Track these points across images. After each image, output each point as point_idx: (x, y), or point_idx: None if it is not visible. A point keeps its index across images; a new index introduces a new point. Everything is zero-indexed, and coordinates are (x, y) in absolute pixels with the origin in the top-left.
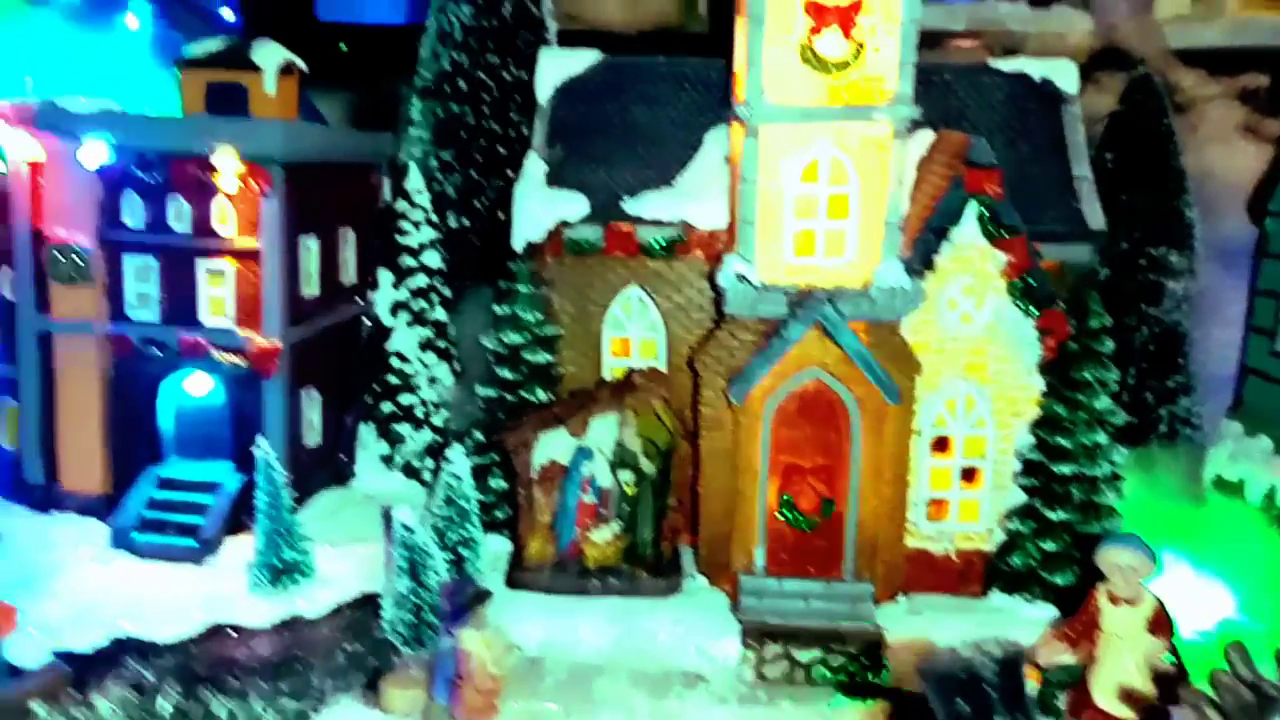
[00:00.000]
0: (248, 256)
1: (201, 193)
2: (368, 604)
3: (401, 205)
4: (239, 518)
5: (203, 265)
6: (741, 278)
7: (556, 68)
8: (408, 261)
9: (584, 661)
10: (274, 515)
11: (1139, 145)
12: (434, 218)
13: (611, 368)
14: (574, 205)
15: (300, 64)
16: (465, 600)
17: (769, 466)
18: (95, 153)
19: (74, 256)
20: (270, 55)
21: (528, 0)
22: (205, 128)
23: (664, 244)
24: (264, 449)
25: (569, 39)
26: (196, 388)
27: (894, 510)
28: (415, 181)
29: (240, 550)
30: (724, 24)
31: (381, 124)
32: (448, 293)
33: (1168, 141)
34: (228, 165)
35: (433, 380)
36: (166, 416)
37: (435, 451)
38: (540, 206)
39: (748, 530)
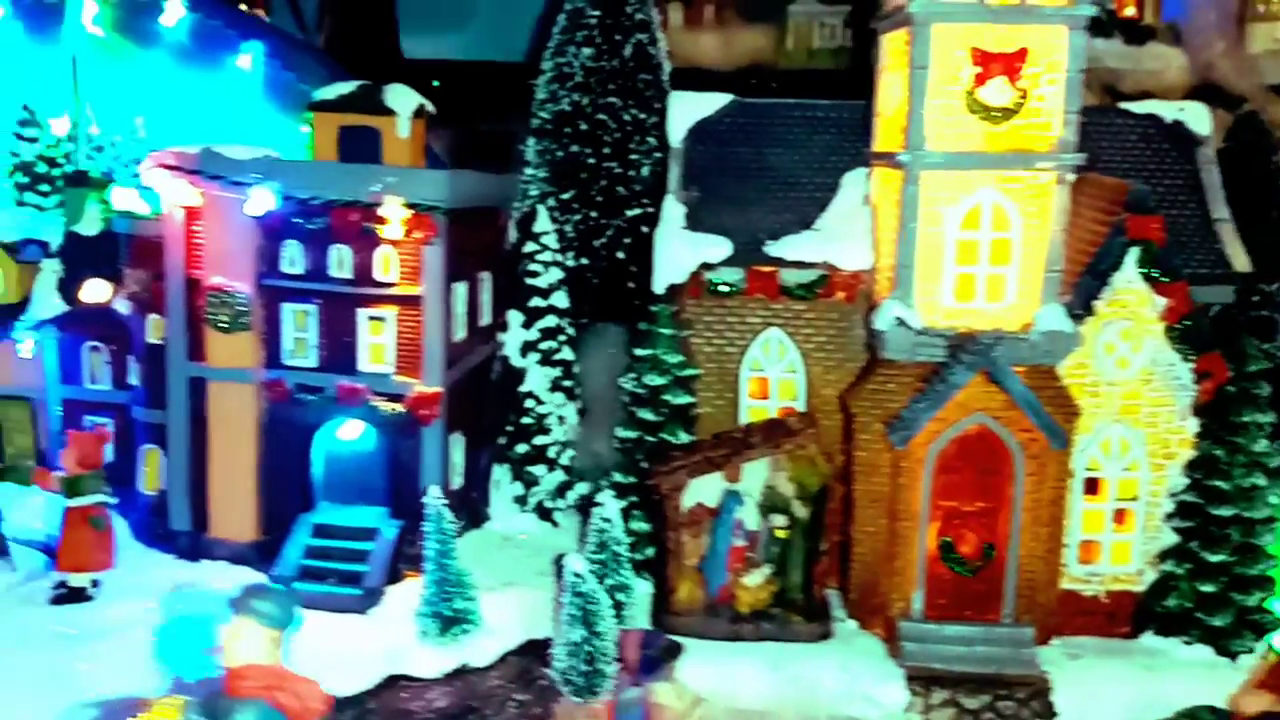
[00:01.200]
0: (408, 303)
1: (363, 240)
2: (531, 651)
3: (530, 246)
4: (396, 566)
5: (363, 312)
6: (901, 321)
7: (688, 110)
8: (537, 302)
9: (748, 708)
10: (444, 564)
11: (1249, 182)
12: (560, 258)
13: (749, 409)
14: (715, 247)
15: (430, 107)
16: (657, 653)
17: (929, 511)
18: (262, 199)
19: (234, 303)
20: (404, 99)
21: (645, 42)
22: (370, 175)
23: (807, 286)
24: (435, 497)
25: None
26: (347, 434)
27: (1050, 553)
28: (543, 223)
29: (400, 599)
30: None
31: (480, 163)
32: (572, 333)
33: (1277, 177)
34: (395, 213)
35: (561, 420)
36: (317, 463)
37: (564, 492)
38: (682, 249)
39: (906, 574)
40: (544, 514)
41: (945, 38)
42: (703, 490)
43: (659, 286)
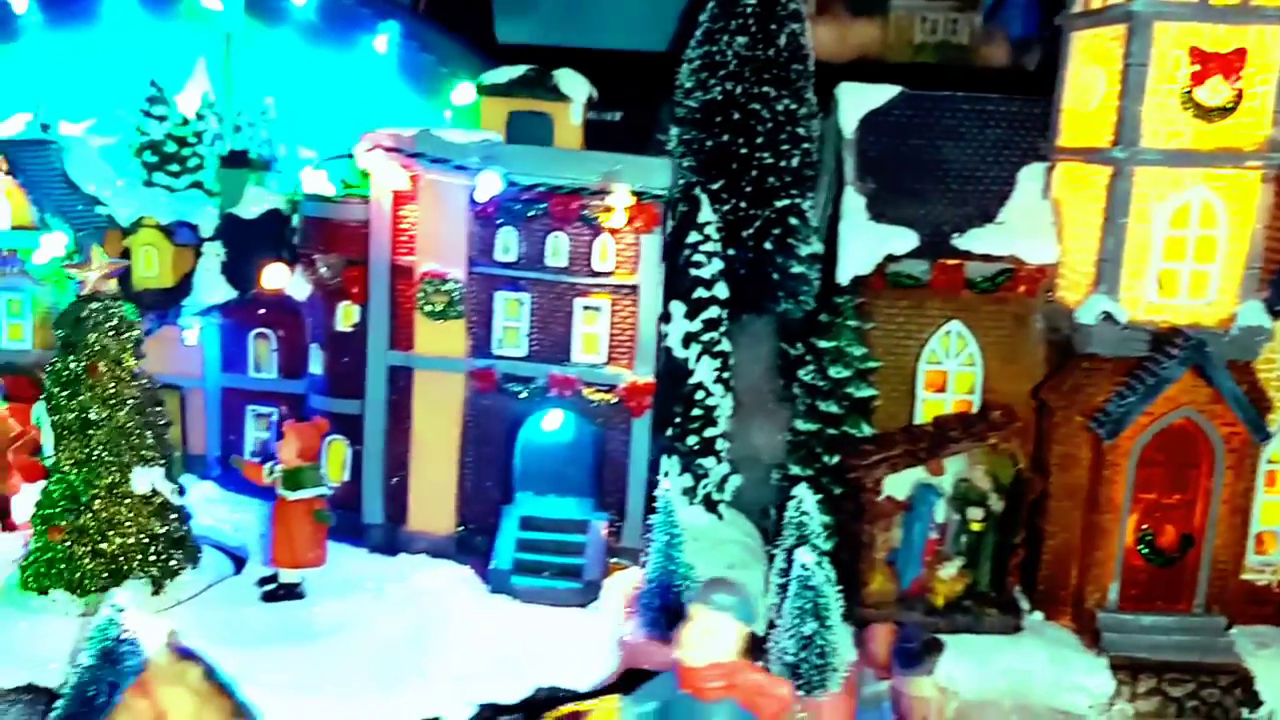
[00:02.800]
0: (623, 292)
1: (581, 228)
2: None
3: (694, 236)
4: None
5: (579, 302)
6: (1108, 316)
7: (858, 101)
8: (700, 293)
9: (967, 700)
10: (672, 557)
11: None
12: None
13: (924, 402)
14: (902, 239)
15: (595, 94)
16: (918, 647)
17: (1129, 503)
18: (491, 184)
19: (448, 290)
20: (577, 85)
21: (798, 32)
22: (594, 162)
23: (991, 279)
24: (666, 491)
25: None
26: (549, 424)
27: (1238, 544)
28: (706, 213)
29: (613, 591)
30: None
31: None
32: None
33: None
34: (621, 201)
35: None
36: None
37: (723, 485)
38: (868, 240)
39: (1105, 566)
40: (710, 506)
41: (1165, 36)
42: (893, 483)
43: (844, 278)
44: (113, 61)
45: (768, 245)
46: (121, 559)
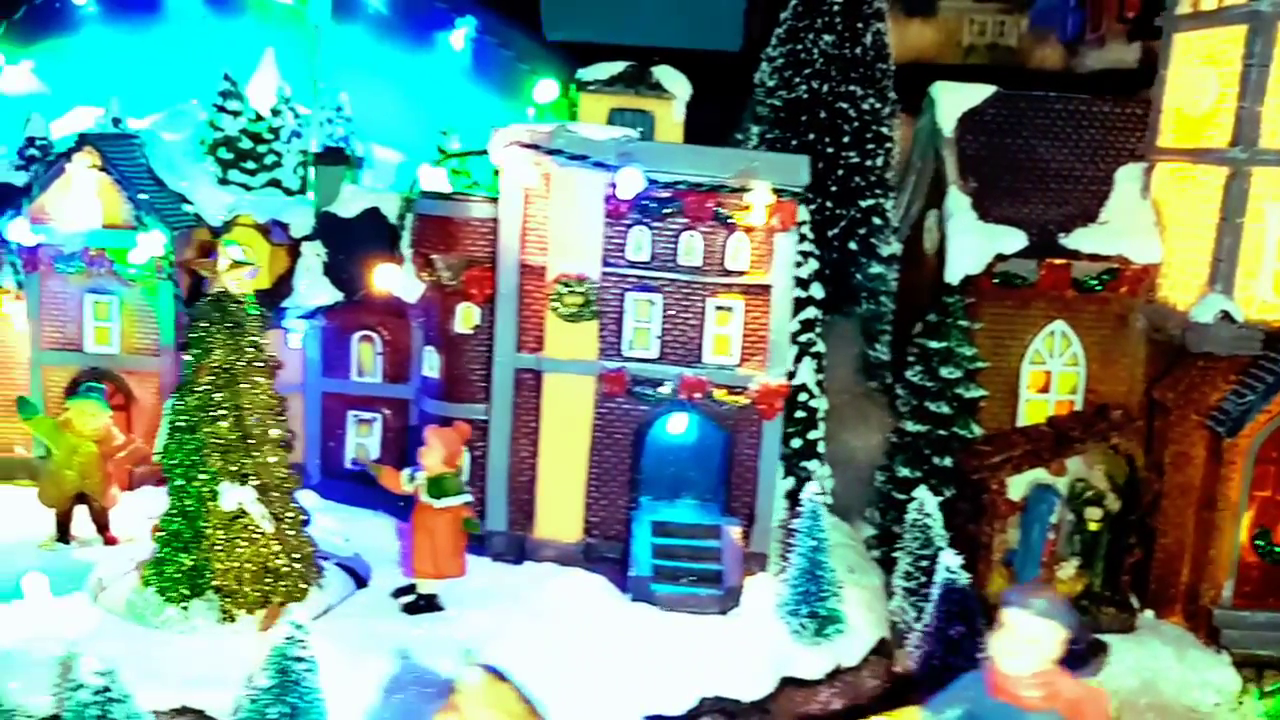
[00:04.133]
0: (755, 292)
1: (715, 226)
2: (881, 650)
3: None
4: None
5: (711, 302)
6: (1225, 315)
7: (955, 101)
8: (797, 293)
9: None
10: (818, 562)
11: None
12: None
13: (1028, 402)
14: (1011, 239)
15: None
16: (1083, 648)
17: (1245, 501)
18: (633, 181)
19: (583, 291)
20: (677, 81)
21: (882, 32)
22: (731, 159)
23: (1097, 279)
24: (813, 495)
25: None
26: (675, 427)
27: None
28: (802, 212)
29: (751, 598)
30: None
31: None
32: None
33: None
34: (761, 199)
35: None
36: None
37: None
38: (978, 240)
39: (1220, 563)
40: None
41: None
42: (1011, 484)
43: (953, 277)
44: (175, 54)
45: (852, 245)
46: (251, 574)
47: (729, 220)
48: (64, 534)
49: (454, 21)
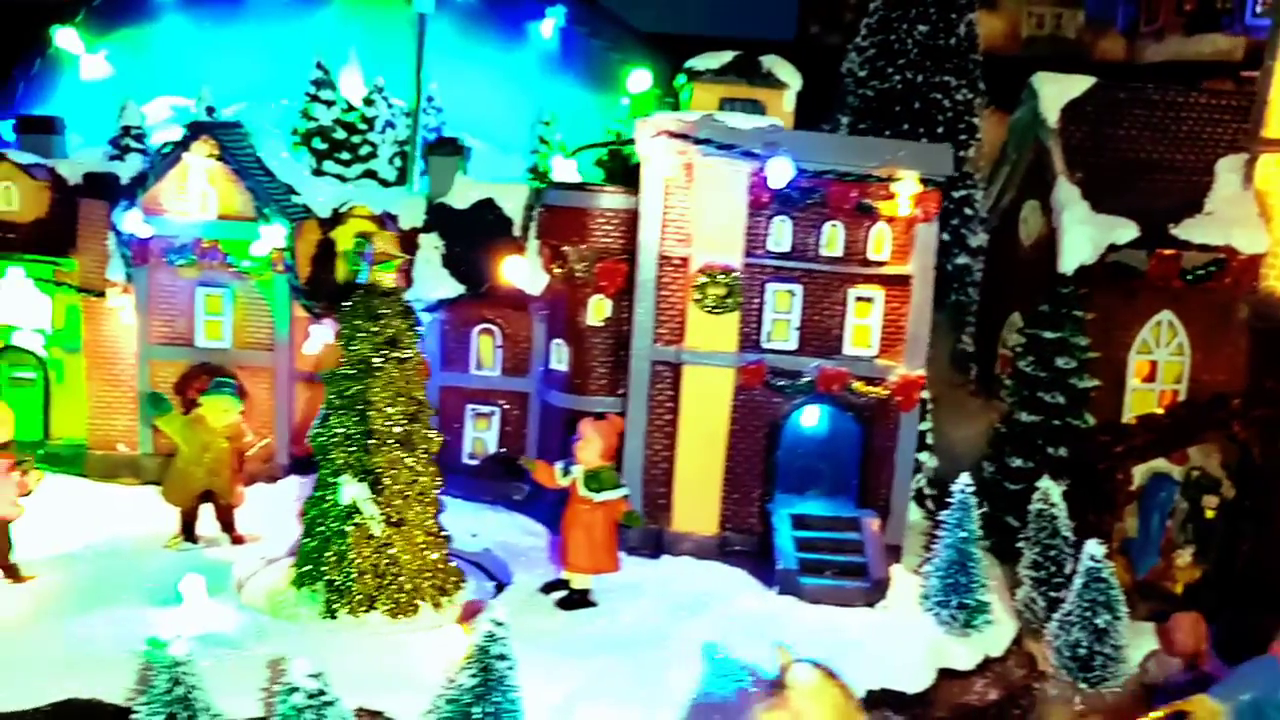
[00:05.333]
0: (895, 283)
1: (857, 216)
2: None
3: None
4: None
5: (852, 293)
6: None
7: (1058, 91)
8: None
9: None
10: (968, 553)
11: None
12: None
13: (1134, 391)
14: (1124, 229)
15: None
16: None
17: None
18: (783, 170)
19: (726, 283)
20: (788, 71)
21: (974, 22)
22: (877, 148)
23: (1205, 270)
24: (964, 488)
25: None
26: (809, 419)
27: None
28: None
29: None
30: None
31: None
32: None
33: None
34: (907, 189)
35: None
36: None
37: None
38: (1091, 230)
39: None
40: (919, 501)
41: None
42: None
43: (1068, 267)
44: (256, 43)
45: (945, 236)
46: (359, 572)
47: (872, 210)
48: (190, 533)
49: (544, 10)
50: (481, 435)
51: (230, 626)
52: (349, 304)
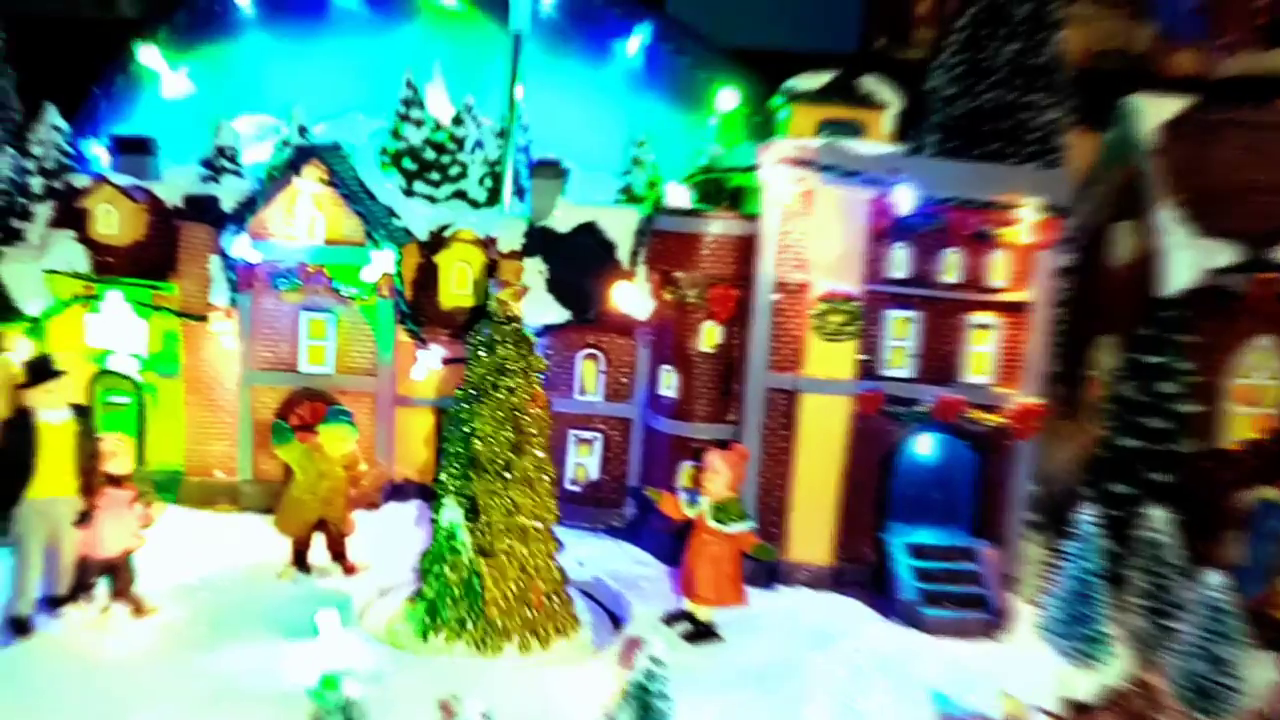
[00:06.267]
0: (1013, 310)
1: (976, 242)
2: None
3: None
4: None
5: (970, 320)
6: None
7: (1153, 112)
8: None
9: None
10: (1090, 584)
11: None
12: None
13: (1232, 416)
14: (1224, 252)
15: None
16: None
17: None
18: (909, 198)
19: (848, 310)
20: (886, 91)
21: (1063, 41)
22: (1000, 175)
23: None
24: (1088, 517)
25: None
26: (923, 447)
27: None
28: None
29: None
30: None
31: None
32: None
33: None
34: (1031, 216)
35: None
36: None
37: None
38: (1193, 253)
39: None
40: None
41: None
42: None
43: (1171, 291)
44: (339, 62)
45: None
46: (452, 600)
47: (992, 237)
48: (302, 563)
49: (630, 28)
50: (584, 461)
51: (366, 660)
52: (473, 330)
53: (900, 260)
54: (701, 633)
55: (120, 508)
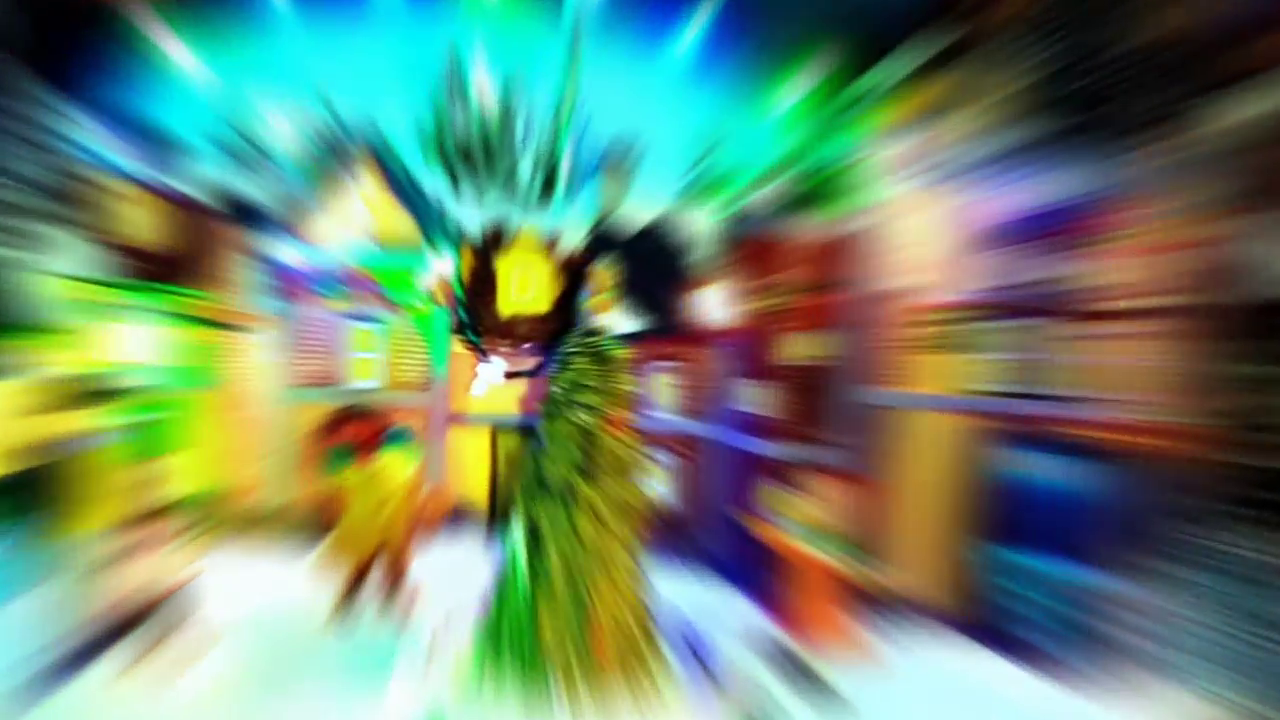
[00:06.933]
0: (1143, 318)
1: (1103, 244)
2: None
3: None
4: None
5: (1095, 330)
6: None
7: (1231, 113)
8: None
9: None
10: (1234, 621)
11: None
12: None
13: None
14: None
15: None
16: None
17: None
18: (1015, 201)
19: (954, 321)
20: (994, 74)
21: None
22: (1118, 175)
23: None
24: (1229, 545)
25: None
26: (1037, 468)
27: None
28: None
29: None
30: None
31: None
32: None
33: None
34: (1148, 217)
35: None
36: (998, 503)
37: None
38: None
39: None
40: None
41: None
42: None
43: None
44: (377, 54)
45: None
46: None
47: (1121, 238)
48: (358, 593)
49: (689, 17)
50: (657, 484)
51: (439, 701)
52: (567, 345)
53: (1016, 265)
54: (805, 672)
55: (163, 541)
